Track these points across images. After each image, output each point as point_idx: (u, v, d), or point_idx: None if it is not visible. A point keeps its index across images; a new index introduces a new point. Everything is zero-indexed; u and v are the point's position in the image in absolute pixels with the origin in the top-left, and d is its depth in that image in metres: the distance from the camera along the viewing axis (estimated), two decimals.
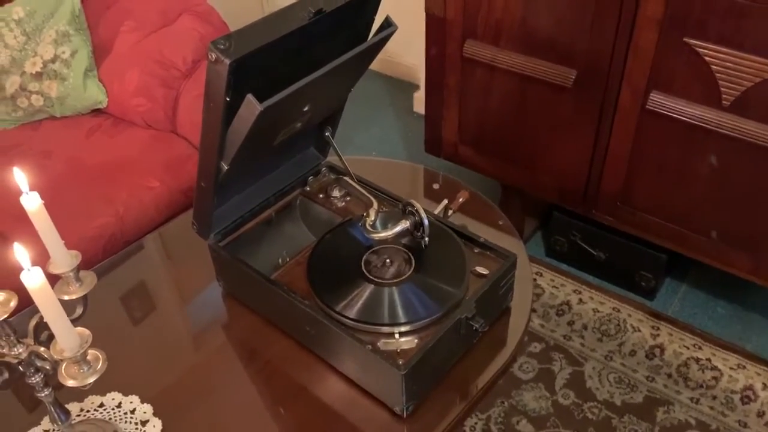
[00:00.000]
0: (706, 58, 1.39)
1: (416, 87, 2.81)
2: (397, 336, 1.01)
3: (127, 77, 1.80)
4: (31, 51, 1.76)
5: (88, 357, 0.76)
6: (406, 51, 2.87)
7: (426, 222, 1.08)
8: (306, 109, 1.01)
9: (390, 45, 1.02)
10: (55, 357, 0.74)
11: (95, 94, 1.82)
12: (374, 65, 3.01)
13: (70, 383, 0.75)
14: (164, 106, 1.78)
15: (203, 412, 1.03)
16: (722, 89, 1.40)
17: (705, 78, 1.41)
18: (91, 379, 0.75)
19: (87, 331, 0.76)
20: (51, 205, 1.57)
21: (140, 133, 1.80)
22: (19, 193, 0.77)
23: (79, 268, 0.86)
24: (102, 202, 1.60)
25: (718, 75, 1.39)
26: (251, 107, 0.83)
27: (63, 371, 0.76)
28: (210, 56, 0.80)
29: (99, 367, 0.76)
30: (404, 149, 2.57)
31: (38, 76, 1.77)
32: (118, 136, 1.79)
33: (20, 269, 0.68)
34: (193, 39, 1.82)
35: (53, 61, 1.76)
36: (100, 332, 1.17)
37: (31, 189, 0.78)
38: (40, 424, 0.99)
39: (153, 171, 1.68)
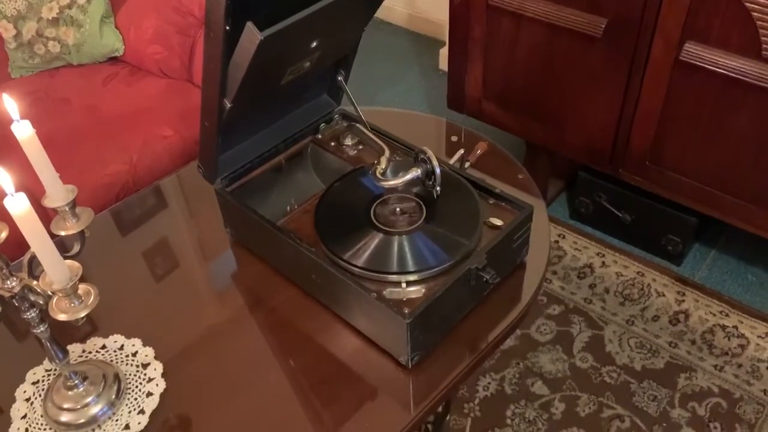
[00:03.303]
0: (747, 5, 1.30)
1: (442, 43, 2.73)
2: (404, 285, 0.97)
3: (144, 24, 1.77)
4: None
5: (80, 291, 0.74)
6: (432, 6, 2.78)
7: (438, 170, 1.03)
8: (314, 45, 0.96)
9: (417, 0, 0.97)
10: (45, 290, 0.72)
11: (112, 42, 1.79)
12: (400, 20, 2.96)
13: (61, 317, 0.73)
14: (180, 54, 1.75)
15: (206, 357, 1.01)
16: (763, 38, 1.31)
17: (744, 26, 1.32)
18: (83, 314, 0.73)
19: (77, 264, 0.74)
20: (66, 152, 1.58)
21: (156, 81, 1.77)
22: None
23: (75, 203, 0.83)
24: (116, 150, 1.59)
25: (759, 23, 1.30)
26: (251, 36, 0.79)
27: (54, 305, 0.74)
28: None
29: (90, 301, 0.74)
30: (428, 107, 2.51)
31: (54, 21, 1.74)
32: (134, 85, 1.77)
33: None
34: None
35: (69, 6, 1.73)
36: (104, 273, 1.16)
37: (48, 136, 0.75)
38: (42, 363, 0.98)
39: (168, 120, 1.66)
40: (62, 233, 0.84)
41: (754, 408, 1.54)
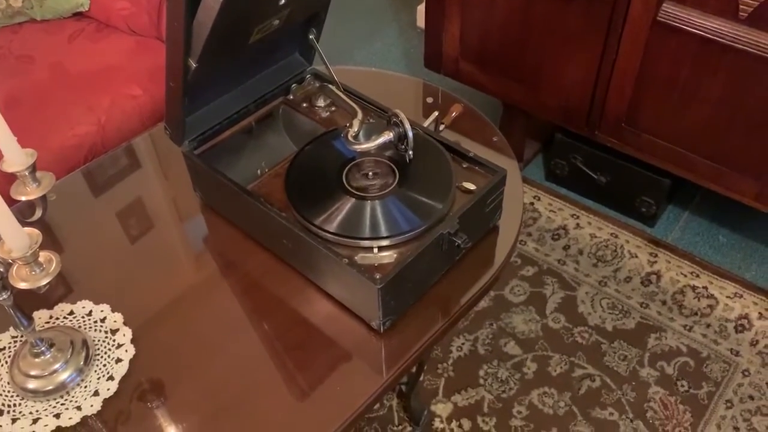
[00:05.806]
0: None
1: (420, 0, 2.67)
2: (376, 250, 0.97)
3: None
4: None
5: (41, 259, 0.72)
6: None
7: (410, 134, 1.02)
8: (283, 2, 0.93)
9: None
10: (5, 258, 0.70)
11: None
12: None
13: (22, 285, 0.72)
14: (148, 9, 1.69)
15: (177, 322, 1.00)
16: None
17: None
18: (44, 281, 0.72)
19: (36, 231, 0.72)
20: (32, 112, 1.54)
21: (124, 38, 1.71)
22: None
23: (35, 168, 0.81)
24: (83, 111, 1.54)
25: None
26: None
27: (14, 273, 0.72)
28: None
29: (52, 269, 0.72)
30: (406, 66, 2.47)
31: None
32: (101, 42, 1.71)
33: None
34: None
35: None
36: (74, 237, 1.14)
37: (12, 95, 0.72)
38: (8, 330, 0.97)
39: (137, 79, 1.61)
40: (22, 198, 0.82)
41: (720, 366, 1.58)
